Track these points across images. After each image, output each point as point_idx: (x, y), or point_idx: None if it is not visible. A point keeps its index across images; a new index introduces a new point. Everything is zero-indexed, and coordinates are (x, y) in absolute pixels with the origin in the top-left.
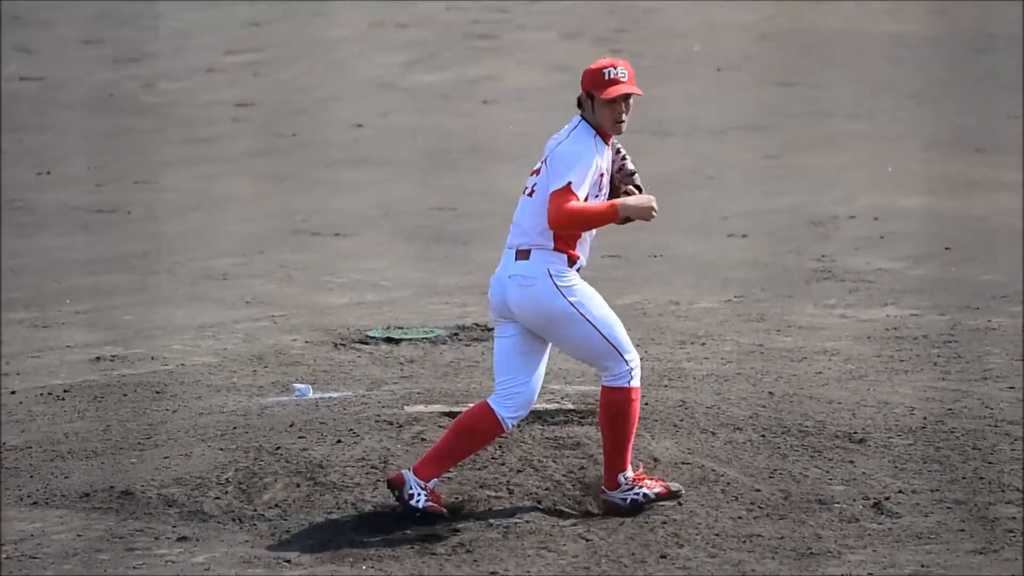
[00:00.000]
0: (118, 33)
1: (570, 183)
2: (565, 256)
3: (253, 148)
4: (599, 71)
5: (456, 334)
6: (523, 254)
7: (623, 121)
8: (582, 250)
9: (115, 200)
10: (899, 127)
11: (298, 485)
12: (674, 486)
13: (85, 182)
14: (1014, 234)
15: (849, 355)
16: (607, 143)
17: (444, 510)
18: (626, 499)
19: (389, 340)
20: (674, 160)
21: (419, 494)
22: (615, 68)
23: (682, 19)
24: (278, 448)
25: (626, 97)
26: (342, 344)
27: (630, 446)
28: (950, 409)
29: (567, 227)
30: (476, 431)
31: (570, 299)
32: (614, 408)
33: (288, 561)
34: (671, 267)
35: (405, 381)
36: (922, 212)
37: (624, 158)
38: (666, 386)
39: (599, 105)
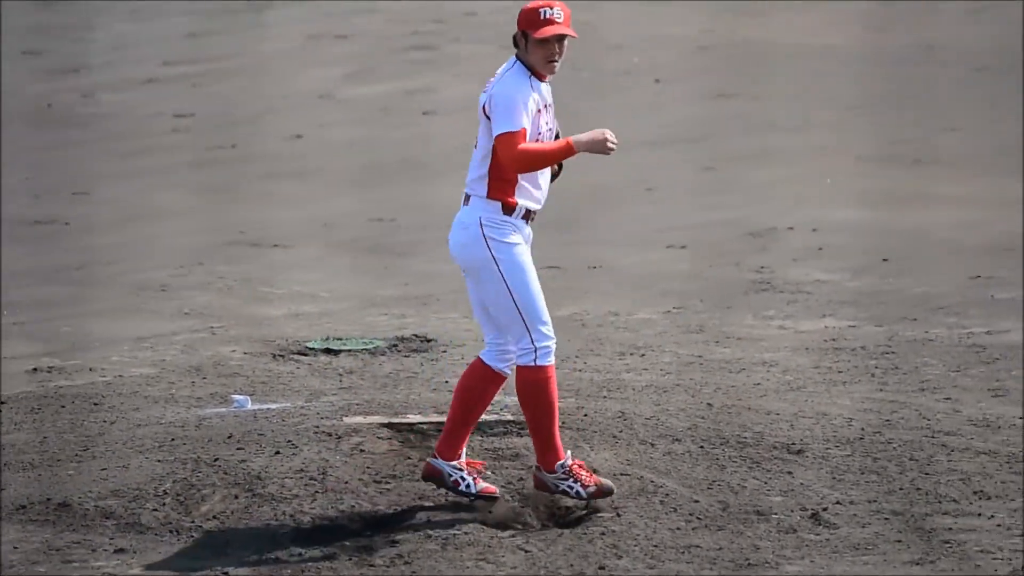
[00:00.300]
0: (55, 44)
1: (512, 126)
2: (499, 204)
3: (191, 159)
4: (534, 10)
5: (395, 345)
6: (465, 199)
7: (555, 61)
8: (524, 196)
9: (52, 212)
10: (836, 139)
11: (236, 497)
12: (606, 484)
13: (22, 194)
14: (951, 246)
15: (787, 366)
16: (542, 81)
17: (493, 489)
18: (558, 486)
19: (328, 351)
20: (612, 172)
21: (461, 476)
22: (551, 8)
23: (619, 31)
24: (216, 460)
25: (560, 38)
26: (281, 355)
27: (555, 427)
28: (887, 420)
29: (522, 169)
30: (480, 389)
31: (494, 253)
32: (522, 388)
33: (226, 573)
34: (610, 278)
35: (344, 392)
36: (860, 224)
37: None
38: (605, 397)
39: (532, 44)
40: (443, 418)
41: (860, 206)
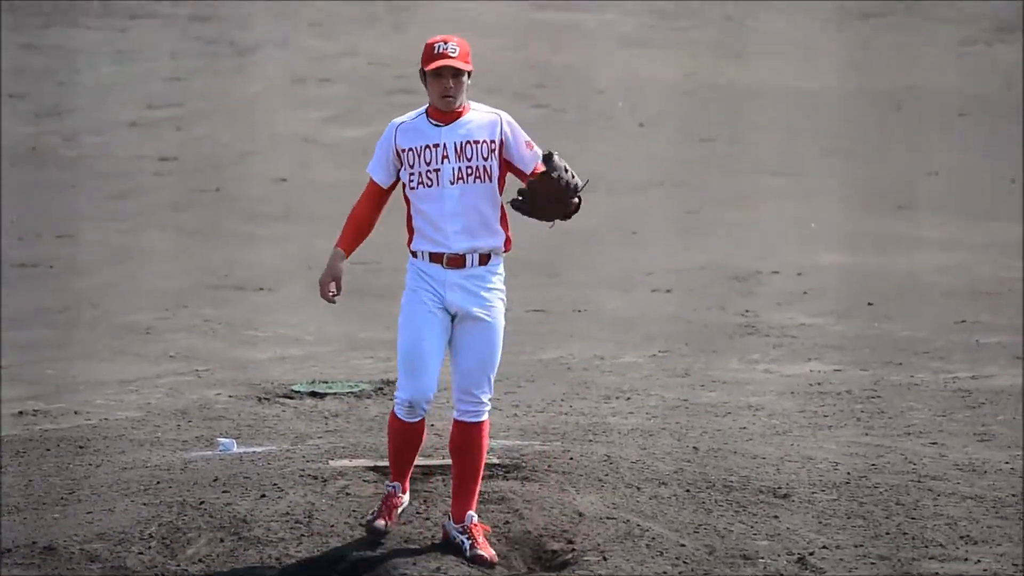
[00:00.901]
0: (39, 87)
1: (369, 172)
2: (410, 249)
3: (175, 202)
4: (429, 45)
5: (380, 388)
6: None
7: (450, 96)
8: (420, 236)
9: (36, 254)
10: (819, 183)
11: (222, 540)
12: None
13: (6, 236)
14: (936, 290)
15: (773, 410)
16: (440, 120)
17: (490, 555)
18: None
19: (314, 394)
20: (596, 215)
21: (463, 540)
22: (445, 43)
23: (603, 75)
24: (202, 503)
25: (455, 73)
26: (266, 398)
27: (398, 464)
28: (873, 464)
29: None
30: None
31: (404, 295)
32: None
33: None
34: (595, 322)
35: (330, 435)
36: (844, 268)
37: (557, 176)
38: (591, 440)
39: (428, 79)
40: (428, 461)
41: (845, 250)
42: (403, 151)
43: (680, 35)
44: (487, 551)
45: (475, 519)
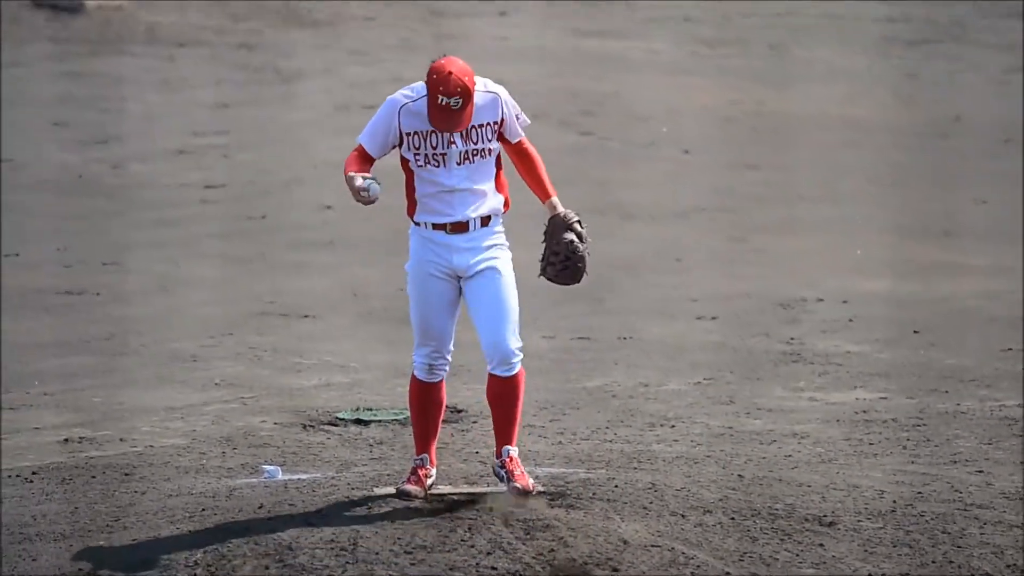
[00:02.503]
0: (85, 115)
1: (360, 141)
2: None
3: (221, 230)
4: (434, 87)
5: None
6: None
7: (450, 129)
8: (424, 210)
9: (83, 282)
10: (864, 211)
11: (267, 567)
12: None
13: (52, 264)
14: (981, 318)
15: (818, 438)
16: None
17: (523, 485)
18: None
19: (358, 422)
20: (641, 243)
21: (502, 474)
22: (448, 97)
23: (647, 103)
24: (247, 530)
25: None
26: (311, 426)
27: (422, 433)
28: (920, 493)
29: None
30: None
31: (408, 264)
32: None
33: None
34: (640, 349)
35: (374, 463)
36: (890, 295)
37: (561, 236)
38: (635, 468)
39: (428, 99)
40: (473, 489)
41: (890, 277)
42: (408, 134)
43: (725, 63)
44: (522, 481)
45: (511, 452)
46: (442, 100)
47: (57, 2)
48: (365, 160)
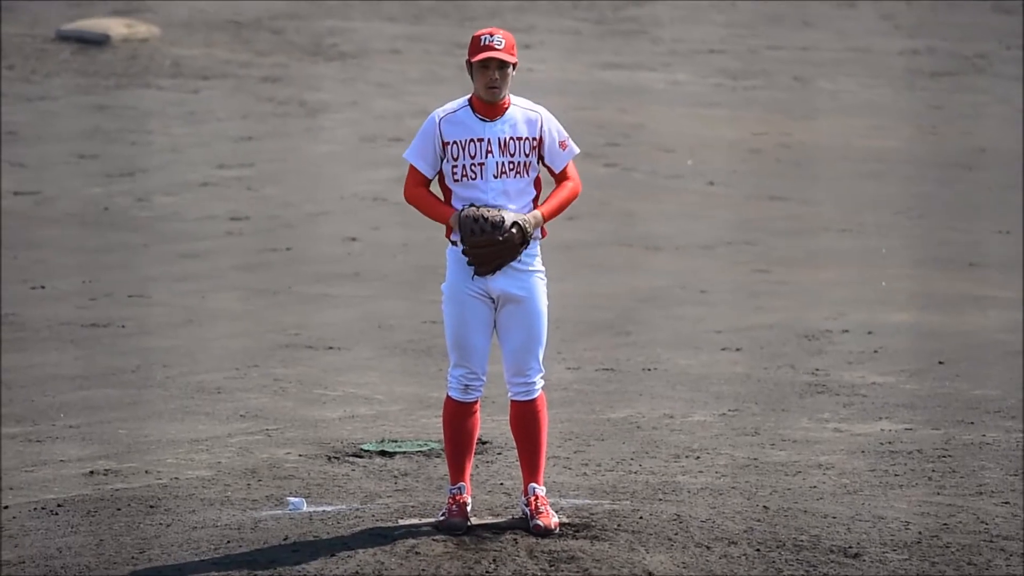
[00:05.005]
0: (111, 148)
1: (407, 155)
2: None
3: (246, 262)
4: (476, 37)
5: None
6: None
7: (496, 87)
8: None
9: (108, 315)
10: (889, 242)
11: None
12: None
13: (78, 297)
14: (1006, 349)
15: (843, 469)
16: (485, 115)
17: (546, 524)
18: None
19: (383, 453)
20: (665, 274)
21: (526, 511)
22: (491, 36)
23: (672, 135)
24: (272, 562)
25: (501, 65)
26: (336, 457)
27: (457, 459)
28: (945, 524)
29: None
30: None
31: (444, 284)
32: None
33: None
34: (664, 380)
35: (399, 494)
36: (915, 327)
37: (486, 221)
38: (660, 500)
39: (474, 71)
40: (498, 519)
41: (915, 309)
42: (448, 143)
43: (749, 95)
44: (545, 520)
45: (537, 491)
46: (484, 40)
47: (83, 35)
48: (423, 184)
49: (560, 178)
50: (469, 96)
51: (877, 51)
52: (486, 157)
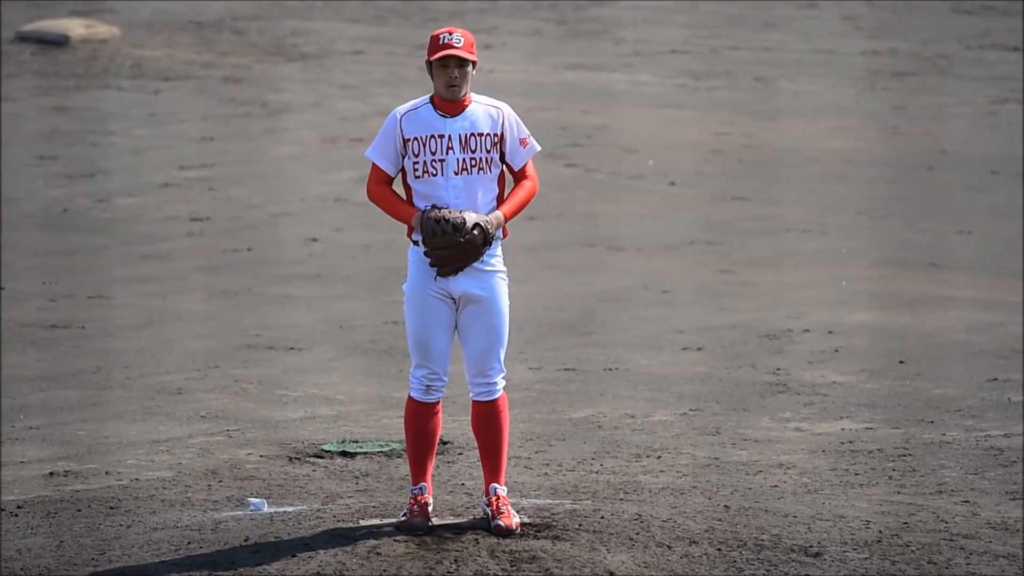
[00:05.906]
0: (71, 150)
1: (372, 158)
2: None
3: (207, 263)
4: (435, 36)
5: None
6: None
7: (456, 85)
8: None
9: (69, 316)
10: (851, 243)
11: None
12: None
13: (39, 298)
14: (967, 349)
15: (804, 468)
16: (446, 112)
17: (507, 524)
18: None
19: (344, 454)
20: (628, 275)
21: (487, 511)
22: (450, 34)
23: (634, 135)
24: (233, 563)
25: (460, 63)
26: (297, 458)
27: (419, 459)
28: (905, 523)
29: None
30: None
31: (405, 284)
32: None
33: None
34: (626, 380)
35: (360, 495)
36: (876, 326)
37: (448, 222)
38: (621, 499)
39: (434, 69)
40: (459, 520)
41: (876, 309)
42: (409, 140)
43: (712, 96)
44: (506, 520)
45: (498, 491)
46: (443, 38)
47: (43, 36)
48: (385, 182)
49: (519, 176)
50: (431, 95)
51: (839, 52)
52: (447, 153)
